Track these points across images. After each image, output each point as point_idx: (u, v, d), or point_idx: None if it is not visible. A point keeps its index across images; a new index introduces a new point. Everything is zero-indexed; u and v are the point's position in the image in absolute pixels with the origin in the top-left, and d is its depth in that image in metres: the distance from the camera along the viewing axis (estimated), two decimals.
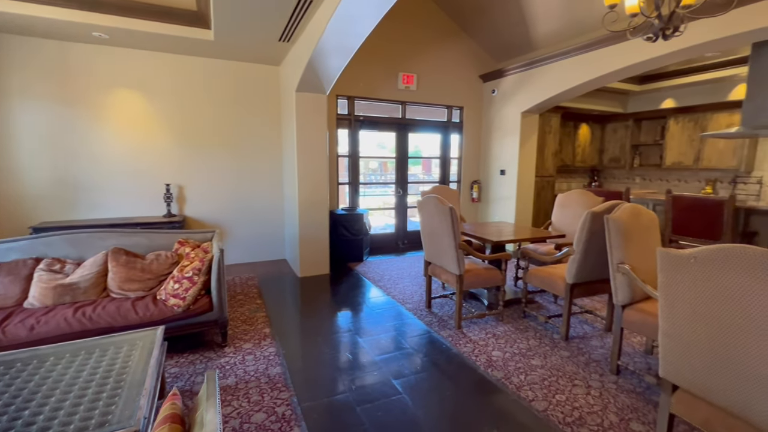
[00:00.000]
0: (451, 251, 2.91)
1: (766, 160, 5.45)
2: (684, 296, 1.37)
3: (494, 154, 6.00)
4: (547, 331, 2.99)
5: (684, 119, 6.09)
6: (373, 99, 5.38)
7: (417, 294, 3.83)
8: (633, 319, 2.27)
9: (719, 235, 3.35)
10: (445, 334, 2.95)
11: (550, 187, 6.56)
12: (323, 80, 3.96)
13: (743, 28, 3.09)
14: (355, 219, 4.94)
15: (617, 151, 7.14)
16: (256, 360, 2.53)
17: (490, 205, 6.14)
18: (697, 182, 6.25)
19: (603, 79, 4.40)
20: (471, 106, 6.08)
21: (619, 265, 2.31)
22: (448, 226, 2.86)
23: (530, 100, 5.27)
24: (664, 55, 3.68)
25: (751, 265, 1.17)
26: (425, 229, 3.24)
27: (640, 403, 2.11)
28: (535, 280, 3.11)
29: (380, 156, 6.56)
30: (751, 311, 1.19)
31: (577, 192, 3.94)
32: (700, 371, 1.38)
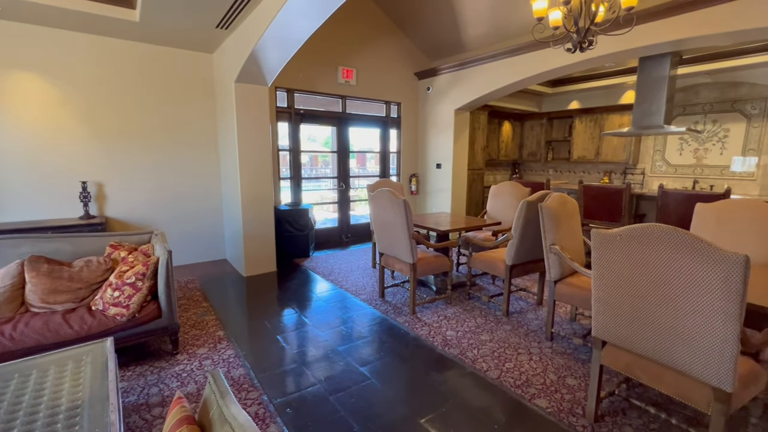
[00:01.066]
0: (405, 241, 3.07)
1: (647, 154, 6.56)
2: (612, 267, 1.67)
3: (431, 148, 6.33)
4: (490, 310, 3.32)
5: (586, 119, 7.04)
6: (314, 92, 5.31)
7: (369, 285, 3.94)
8: (563, 292, 2.65)
9: (619, 218, 4.00)
10: (401, 320, 3.11)
11: (480, 179, 7.12)
12: (265, 72, 3.83)
13: (634, 45, 3.71)
14: (299, 214, 4.87)
15: (534, 146, 7.99)
16: (215, 364, 2.43)
17: (428, 197, 6.47)
18: (597, 173, 7.28)
19: (526, 81, 4.91)
20: (408, 103, 6.32)
21: (551, 247, 2.66)
22: (402, 218, 3.01)
23: (462, 99, 5.65)
24: (575, 63, 4.23)
25: (659, 239, 1.48)
26: (378, 222, 3.36)
27: (571, 362, 2.49)
28: (478, 264, 3.42)
29: (322, 150, 6.50)
30: (658, 275, 1.51)
31: (508, 183, 4.37)
32: (623, 327, 1.70)
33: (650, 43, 3.61)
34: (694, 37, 3.39)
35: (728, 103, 5.63)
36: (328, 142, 6.13)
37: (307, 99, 5.41)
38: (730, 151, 5.65)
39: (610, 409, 2.02)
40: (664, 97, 4.16)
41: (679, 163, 6.18)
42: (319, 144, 6.41)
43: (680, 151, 6.16)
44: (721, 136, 5.73)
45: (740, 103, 5.53)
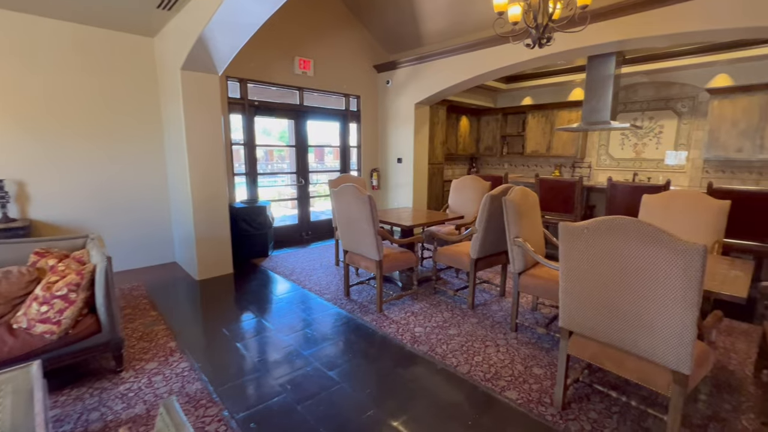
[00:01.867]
0: (371, 238, 2.99)
1: (593, 149, 6.98)
2: (579, 260, 1.70)
3: (391, 143, 6.28)
4: (456, 303, 3.35)
5: (538, 115, 7.34)
6: (268, 83, 5.05)
7: (333, 284, 3.82)
8: (527, 283, 2.72)
9: (572, 210, 4.20)
10: (368, 318, 3.04)
11: (440, 173, 7.19)
12: (216, 59, 3.55)
13: (585, 44, 3.87)
14: (256, 212, 4.62)
15: (490, 140, 8.22)
16: (167, 380, 2.21)
17: (389, 192, 6.43)
18: (549, 167, 7.64)
19: (483, 77, 4.98)
20: (368, 96, 6.21)
21: (515, 239, 2.71)
22: (368, 214, 2.92)
23: (422, 93, 5.65)
24: (530, 59, 4.36)
25: (625, 231, 1.52)
26: (342, 219, 3.25)
27: (536, 351, 2.55)
28: (443, 258, 3.42)
29: (279, 144, 6.22)
30: (624, 266, 1.55)
31: (469, 177, 4.43)
32: (589, 318, 1.74)
33: (599, 42, 3.79)
34: (638, 38, 3.60)
35: (662, 102, 6.12)
36: (285, 135, 5.87)
37: (262, 90, 5.13)
38: (664, 145, 6.15)
39: (575, 395, 2.09)
40: (610, 94, 4.41)
41: (621, 157, 6.64)
42: (275, 138, 6.13)
43: (622, 145, 6.61)
44: (656, 132, 6.21)
45: (672, 102, 6.02)
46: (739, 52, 4.93)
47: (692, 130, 5.87)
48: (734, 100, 5.24)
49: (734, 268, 2.12)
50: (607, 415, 1.92)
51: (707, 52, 5.16)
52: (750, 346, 2.63)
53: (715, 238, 2.69)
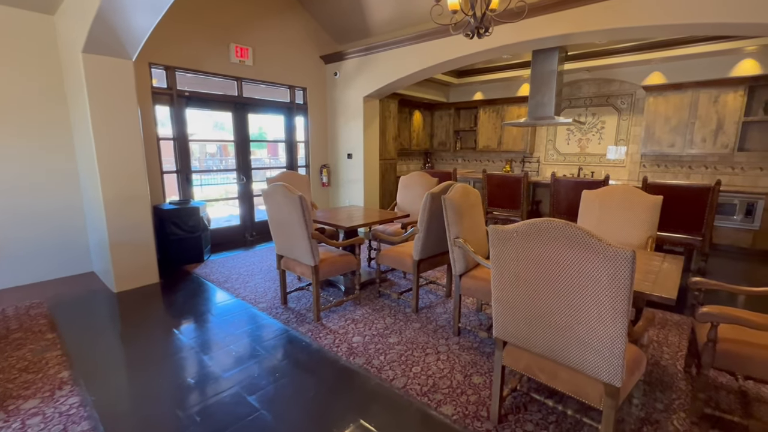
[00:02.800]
0: (304, 242, 2.74)
1: (541, 144, 7.11)
2: (510, 266, 1.57)
3: (341, 137, 6.01)
4: (400, 307, 3.18)
5: (489, 110, 7.37)
6: (201, 72, 4.60)
7: (271, 290, 3.53)
8: (468, 286, 2.59)
9: (519, 205, 4.19)
10: (304, 329, 2.80)
11: (392, 169, 7.03)
12: (126, 41, 3.11)
13: (527, 37, 3.83)
14: (188, 213, 4.20)
15: (444, 136, 8.17)
16: (46, 421, 1.85)
17: (340, 189, 6.18)
18: (500, 162, 7.72)
19: (432, 69, 4.84)
20: (315, 88, 5.90)
21: (455, 240, 2.57)
22: (299, 215, 2.66)
23: (371, 85, 5.42)
24: (476, 52, 4.26)
25: (553, 235, 1.39)
26: (274, 221, 2.97)
27: (477, 356, 2.44)
28: (386, 260, 3.25)
29: (216, 139, 5.76)
30: (553, 273, 1.42)
31: (417, 174, 4.28)
32: (521, 326, 1.62)
33: (541, 36, 3.75)
34: (579, 32, 3.58)
35: (603, 98, 6.32)
36: (224, 129, 5.43)
37: (195, 80, 4.68)
38: (606, 141, 6.37)
39: (512, 405, 1.98)
40: (554, 90, 4.42)
41: (567, 152, 6.81)
42: (213, 132, 5.66)
43: (568, 141, 6.78)
44: (599, 128, 6.42)
45: (613, 98, 6.23)
46: (671, 50, 5.14)
47: (631, 126, 6.10)
48: (667, 98, 5.49)
49: (666, 263, 2.10)
50: (544, 426, 1.83)
51: (643, 51, 5.35)
52: (681, 338, 2.68)
53: (648, 234, 2.71)
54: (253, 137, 5.52)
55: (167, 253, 4.17)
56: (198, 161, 6.61)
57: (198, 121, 5.04)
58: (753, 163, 5.20)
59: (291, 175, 4.27)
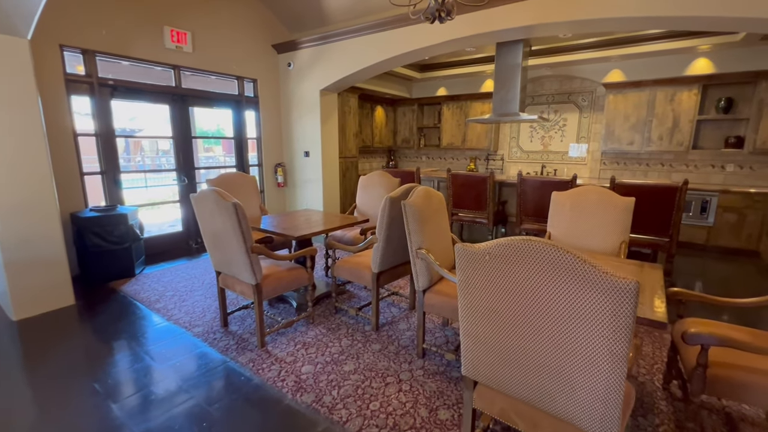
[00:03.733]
0: (242, 257, 2.32)
1: (505, 141, 7.01)
2: (480, 293, 1.27)
3: (297, 134, 5.56)
4: (359, 324, 2.84)
5: (453, 106, 7.17)
6: (129, 58, 4.00)
7: (211, 310, 3.07)
8: (433, 302, 2.30)
9: (485, 206, 3.97)
10: (245, 359, 2.39)
11: (354, 168, 6.66)
12: (13, 14, 2.53)
13: (491, 28, 3.60)
14: (114, 221, 3.63)
15: (407, 132, 7.90)
16: None
17: (297, 190, 5.74)
18: (464, 160, 7.56)
19: (392, 61, 4.52)
20: (266, 80, 5.40)
21: (418, 251, 2.27)
22: (234, 226, 2.25)
23: (328, 78, 5.02)
24: (439, 43, 3.99)
25: (534, 259, 1.10)
26: (207, 232, 2.52)
27: (443, 383, 2.15)
28: (342, 272, 2.89)
29: (151, 135, 5.13)
30: (535, 305, 1.14)
31: (377, 173, 3.95)
32: (495, 366, 1.33)
33: (504, 27, 3.54)
34: (542, 23, 3.40)
35: (565, 95, 6.29)
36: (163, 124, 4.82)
37: (122, 68, 4.07)
38: (568, 138, 6.35)
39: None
40: (519, 85, 4.25)
41: (531, 149, 6.75)
42: (146, 127, 5.03)
43: (531, 138, 6.72)
44: (561, 125, 6.39)
45: (574, 96, 6.21)
46: (630, 48, 5.13)
47: (592, 124, 6.11)
48: (626, 95, 5.50)
49: (645, 274, 1.91)
50: None
51: (603, 47, 5.32)
52: (655, 348, 2.53)
53: (621, 238, 2.54)
54: (199, 133, 4.96)
55: (88, 268, 3.58)
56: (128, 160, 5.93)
57: (126, 113, 4.42)
58: (706, 160, 5.32)
59: (235, 177, 3.79)
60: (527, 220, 3.83)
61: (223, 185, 3.54)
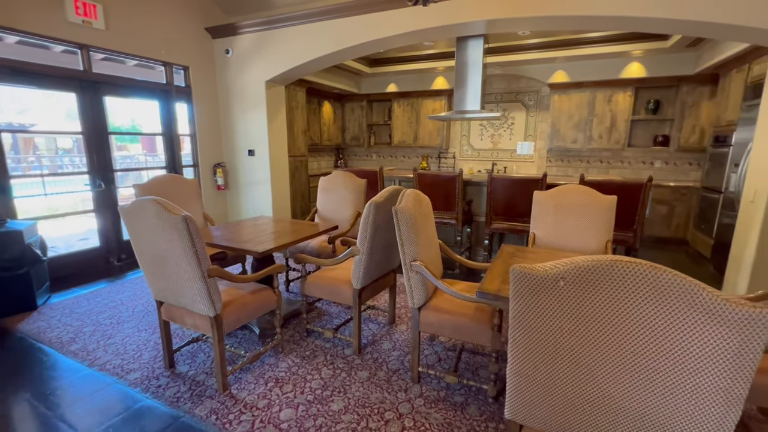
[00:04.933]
0: (197, 284, 1.84)
1: (456, 139, 7.02)
2: (545, 327, 1.02)
3: (239, 130, 4.94)
4: (337, 348, 2.48)
5: (404, 103, 7.00)
6: (18, 32, 3.14)
7: (149, 346, 2.49)
8: (431, 320, 2.03)
9: (454, 207, 3.82)
10: (204, 410, 1.91)
11: (303, 167, 6.17)
12: None
13: (454, 20, 3.44)
14: (3, 241, 2.81)
15: (356, 129, 7.57)
16: None
17: (242, 192, 5.12)
18: (416, 158, 7.45)
19: (348, 52, 4.16)
20: (200, 67, 4.70)
21: (413, 264, 1.98)
22: (185, 246, 1.76)
23: (274, 68, 4.50)
24: (398, 34, 3.74)
25: (630, 283, 0.88)
26: (144, 254, 1.98)
27: (450, 412, 1.90)
28: (315, 289, 2.51)
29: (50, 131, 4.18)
30: (623, 337, 0.92)
31: (340, 174, 3.59)
32: (557, 410, 1.10)
33: (468, 20, 3.41)
34: (505, 18, 3.31)
35: (513, 94, 6.44)
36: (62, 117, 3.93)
37: (8, 45, 3.18)
38: (516, 136, 6.52)
39: None
40: (480, 81, 4.16)
41: (481, 147, 6.83)
42: (40, 121, 4.08)
43: (481, 136, 6.80)
44: (509, 124, 6.54)
45: (521, 95, 6.38)
46: (573, 50, 5.35)
47: (538, 122, 6.33)
48: (570, 96, 5.76)
49: None
50: None
51: (549, 48, 5.50)
52: None
53: (606, 237, 2.51)
54: (118, 128, 4.14)
55: None
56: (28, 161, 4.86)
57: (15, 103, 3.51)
58: (638, 157, 5.78)
59: (171, 180, 3.17)
60: (497, 219, 3.75)
61: (157, 191, 2.93)
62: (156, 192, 2.89)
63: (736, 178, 3.82)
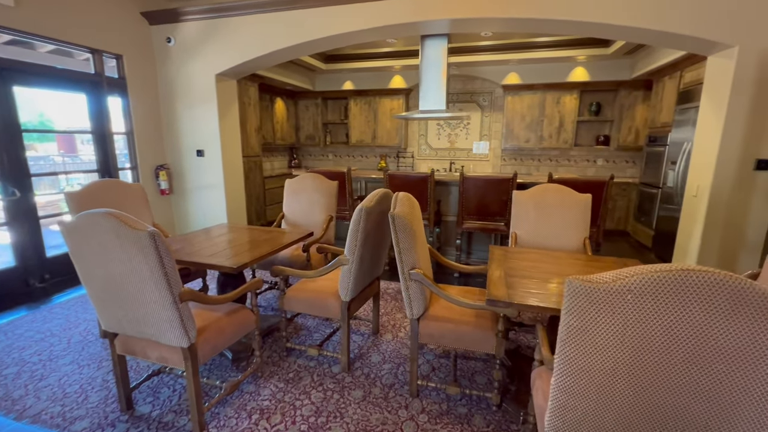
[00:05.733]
0: (166, 311, 1.55)
1: (414, 138, 7.02)
2: (605, 343, 0.95)
3: (185, 128, 4.46)
4: (322, 366, 2.28)
5: (361, 101, 6.84)
6: None
7: (96, 386, 2.09)
8: (431, 331, 1.93)
9: (426, 208, 3.76)
10: None
11: (258, 168, 5.77)
12: None
13: (419, 18, 3.37)
14: None
15: (311, 128, 7.26)
16: None
17: (189, 198, 4.63)
18: (375, 157, 7.33)
19: (307, 46, 3.93)
20: (136, 57, 4.15)
21: (412, 272, 1.86)
22: (152, 267, 1.47)
23: (226, 60, 4.11)
24: (362, 30, 3.58)
25: (705, 295, 0.83)
26: (95, 278, 1.63)
27: (456, 427, 1.81)
28: (297, 304, 2.28)
29: None
30: (694, 353, 0.88)
31: (308, 176, 3.35)
32: (610, 428, 1.03)
33: (434, 18, 3.36)
34: (469, 18, 3.31)
35: (468, 95, 6.58)
36: None
37: None
38: (472, 136, 6.68)
39: None
40: (445, 80, 4.15)
41: (438, 146, 6.90)
42: None
43: (438, 136, 6.87)
44: (465, 123, 6.67)
45: (476, 96, 6.54)
46: (525, 53, 5.58)
47: (492, 123, 6.53)
48: (522, 97, 6.01)
49: None
50: None
51: (503, 51, 5.68)
52: None
53: (584, 234, 2.59)
54: (30, 125, 3.49)
55: None
56: None
57: None
58: (583, 156, 6.20)
59: (111, 187, 2.72)
60: (469, 219, 3.76)
61: (95, 199, 2.49)
62: (95, 201, 2.46)
63: (673, 175, 4.22)
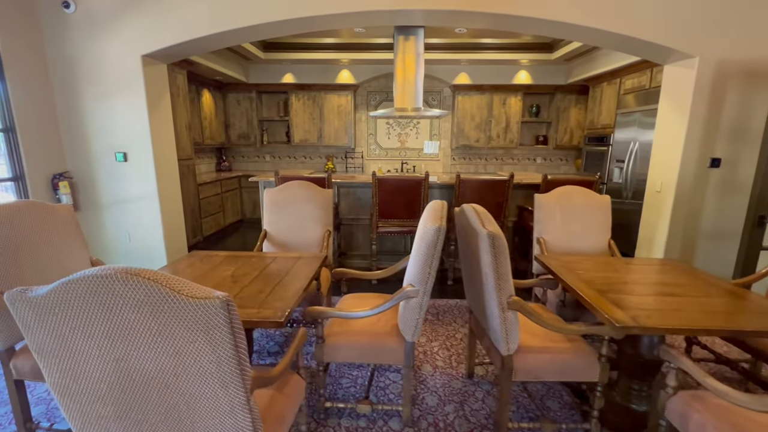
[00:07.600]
0: (233, 417, 0.97)
1: (362, 138, 6.65)
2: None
3: (97, 125, 3.40)
4: (379, 425, 1.83)
5: (304, 96, 6.21)
6: None
7: None
8: (529, 366, 1.65)
9: (417, 214, 3.47)
10: None
11: (191, 173, 4.78)
12: None
13: (393, 6, 3.06)
14: None
15: (245, 126, 6.35)
16: None
17: (105, 215, 3.57)
18: (320, 158, 6.75)
19: (265, 29, 3.30)
20: (13, 26, 3.00)
21: (510, 301, 1.56)
22: (223, 356, 0.89)
23: (156, 38, 3.23)
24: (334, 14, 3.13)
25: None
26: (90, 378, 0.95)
27: None
28: (343, 353, 1.79)
29: None
30: None
31: (295, 184, 2.78)
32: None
33: (408, 7, 3.06)
34: (445, 10, 3.11)
35: None
36: None
37: None
38: (423, 136, 6.58)
39: None
40: (421, 77, 3.90)
41: (389, 146, 6.65)
42: None
43: (388, 135, 6.61)
44: (415, 123, 6.54)
45: (426, 95, 6.43)
46: (475, 54, 5.65)
47: (442, 122, 6.52)
48: (471, 97, 6.10)
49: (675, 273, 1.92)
50: None
51: (454, 50, 5.66)
52: None
53: (608, 236, 2.59)
54: None
55: None
56: None
57: None
58: (525, 154, 6.58)
59: (28, 212, 1.81)
60: None
61: (10, 232, 1.61)
62: (9, 234, 1.59)
63: (620, 172, 4.66)
